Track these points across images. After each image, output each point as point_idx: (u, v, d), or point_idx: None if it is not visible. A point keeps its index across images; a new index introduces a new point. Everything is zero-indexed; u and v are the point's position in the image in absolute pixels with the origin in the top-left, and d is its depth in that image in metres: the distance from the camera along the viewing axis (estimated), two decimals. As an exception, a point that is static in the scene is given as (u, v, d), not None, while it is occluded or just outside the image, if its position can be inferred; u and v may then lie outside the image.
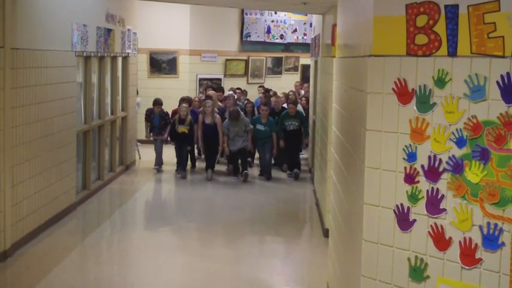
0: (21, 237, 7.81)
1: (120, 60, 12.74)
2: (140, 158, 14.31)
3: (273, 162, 13.02)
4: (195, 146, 13.21)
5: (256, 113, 13.47)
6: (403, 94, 3.68)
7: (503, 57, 3.26)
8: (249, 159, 13.22)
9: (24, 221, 7.90)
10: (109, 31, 11.33)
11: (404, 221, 3.71)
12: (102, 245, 8.50)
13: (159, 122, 13.01)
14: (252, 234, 8.95)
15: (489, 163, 3.33)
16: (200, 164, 13.52)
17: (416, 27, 3.60)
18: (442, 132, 3.52)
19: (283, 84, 17.04)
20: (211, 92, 14.04)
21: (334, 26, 8.05)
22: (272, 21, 17.87)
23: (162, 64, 16.87)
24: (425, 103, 3.59)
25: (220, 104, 13.71)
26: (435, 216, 3.57)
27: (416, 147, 3.64)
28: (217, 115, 12.55)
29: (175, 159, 12.86)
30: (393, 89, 3.72)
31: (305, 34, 18.24)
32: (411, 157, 3.66)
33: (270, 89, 15.79)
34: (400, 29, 3.66)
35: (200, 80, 16.78)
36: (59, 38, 8.93)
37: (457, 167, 3.46)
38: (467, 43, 3.40)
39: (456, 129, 3.46)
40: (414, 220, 3.67)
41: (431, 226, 3.59)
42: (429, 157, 3.58)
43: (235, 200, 10.89)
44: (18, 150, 7.64)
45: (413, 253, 3.69)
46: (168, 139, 12.95)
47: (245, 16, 17.47)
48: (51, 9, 8.69)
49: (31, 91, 7.98)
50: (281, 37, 18.08)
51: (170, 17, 16.50)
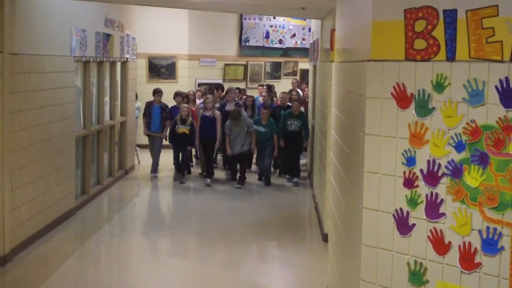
0: (20, 242, 7.80)
1: (119, 65, 12.75)
2: (139, 163, 14.30)
3: (272, 165, 12.94)
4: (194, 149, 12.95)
5: (256, 110, 13.42)
6: (402, 99, 3.68)
7: (501, 61, 3.27)
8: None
9: (23, 226, 7.89)
10: (108, 36, 11.34)
11: (403, 225, 3.71)
12: (101, 250, 8.50)
13: (160, 114, 12.74)
14: (251, 239, 8.94)
15: (488, 167, 3.34)
16: (196, 169, 13.42)
17: (414, 32, 3.60)
18: (441, 136, 3.52)
19: (282, 89, 16.94)
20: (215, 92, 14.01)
21: (332, 31, 8.06)
22: (271, 26, 17.88)
23: (161, 69, 16.88)
24: (424, 108, 3.59)
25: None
26: (434, 220, 3.57)
27: (415, 151, 3.64)
28: (217, 111, 12.36)
29: (172, 165, 12.69)
30: (392, 94, 3.73)
31: (304, 39, 18.26)
32: (410, 161, 3.66)
33: (272, 85, 15.80)
34: (399, 34, 3.67)
35: (199, 85, 16.78)
36: (58, 43, 8.94)
37: (456, 172, 3.47)
38: (465, 48, 3.41)
39: (455, 133, 3.47)
40: (413, 224, 3.67)
41: (430, 230, 3.59)
42: (428, 161, 3.59)
43: (234, 205, 10.88)
44: (17, 155, 7.64)
45: (412, 257, 3.69)
46: (167, 140, 12.66)
47: (244, 21, 17.48)
48: (50, 14, 8.70)
49: (30, 96, 7.98)
50: (280, 42, 18.10)
51: (169, 22, 16.52)
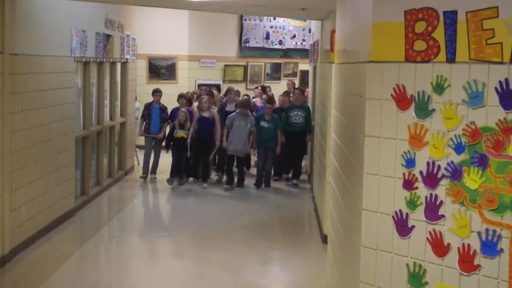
0: (19, 242, 7.80)
1: (119, 65, 12.74)
2: (139, 164, 14.27)
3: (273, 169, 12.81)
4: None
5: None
6: (402, 100, 3.68)
7: (501, 63, 3.27)
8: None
9: (22, 227, 7.88)
10: (108, 37, 11.35)
11: (403, 227, 3.71)
12: (100, 251, 8.49)
13: (159, 115, 12.54)
14: (251, 240, 8.93)
15: (487, 169, 3.34)
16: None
17: (415, 33, 3.60)
18: (441, 138, 3.52)
19: (282, 90, 16.96)
20: (215, 93, 13.92)
21: (332, 32, 8.06)
22: (271, 27, 17.89)
23: (161, 70, 16.87)
24: (424, 109, 3.59)
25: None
26: (434, 222, 3.57)
27: (415, 153, 3.64)
28: (214, 111, 12.12)
29: (169, 167, 12.51)
30: (392, 95, 3.72)
31: (304, 40, 18.26)
32: (410, 163, 3.66)
33: (268, 86, 15.68)
34: (399, 35, 3.66)
35: (199, 86, 16.78)
36: (58, 44, 8.94)
37: (456, 173, 3.46)
38: (465, 49, 3.40)
39: (455, 135, 3.46)
40: (413, 226, 3.66)
41: (429, 232, 3.59)
42: (428, 163, 3.58)
43: (233, 207, 10.87)
44: (16, 155, 7.64)
45: (412, 259, 3.68)
46: (165, 149, 12.44)
47: (244, 22, 17.49)
48: (50, 14, 8.70)
49: (30, 97, 7.98)
50: (280, 43, 18.10)
51: (169, 23, 16.52)
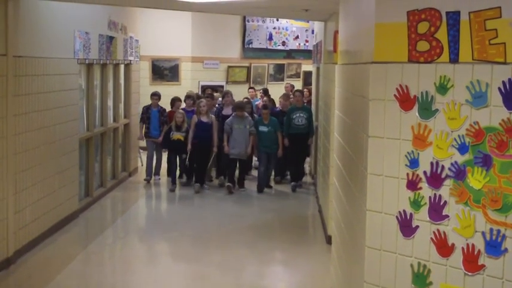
0: (24, 244, 7.82)
1: (122, 67, 12.76)
2: (143, 165, 14.27)
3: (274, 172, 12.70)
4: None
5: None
6: (405, 101, 3.68)
7: (504, 63, 3.27)
8: (248, 175, 12.84)
9: (27, 228, 7.90)
10: (111, 38, 11.36)
11: (407, 228, 3.71)
12: (104, 252, 8.50)
13: (158, 118, 12.45)
14: (255, 241, 8.93)
15: (491, 169, 3.34)
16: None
17: (417, 33, 3.60)
18: (444, 138, 3.52)
19: (284, 91, 17.01)
20: (216, 94, 13.82)
21: (336, 33, 8.06)
22: (274, 28, 17.90)
23: (164, 71, 16.89)
24: (427, 109, 3.59)
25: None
26: (438, 222, 3.57)
27: (418, 153, 3.64)
28: (212, 116, 11.96)
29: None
30: (395, 96, 3.73)
31: (307, 41, 18.27)
32: (413, 163, 3.66)
33: (267, 88, 15.60)
34: (402, 36, 3.67)
35: (202, 87, 16.79)
36: (61, 46, 8.96)
37: (460, 174, 3.46)
38: (468, 49, 3.40)
39: (458, 135, 3.47)
40: (417, 226, 3.67)
41: (434, 232, 3.59)
42: (431, 163, 3.58)
43: (235, 209, 10.87)
44: (21, 157, 7.65)
45: (416, 259, 3.68)
46: (163, 149, 12.40)
47: (247, 23, 17.50)
48: (53, 16, 8.72)
49: (34, 99, 8.00)
50: (283, 44, 18.11)
51: (172, 24, 16.54)
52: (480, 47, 3.36)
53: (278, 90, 16.56)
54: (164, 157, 12.63)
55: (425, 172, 3.62)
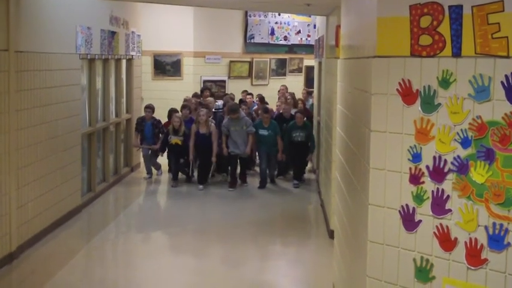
0: (26, 239, 7.83)
1: (124, 62, 12.76)
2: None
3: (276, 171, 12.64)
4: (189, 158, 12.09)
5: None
6: (408, 95, 3.68)
7: (507, 57, 3.26)
8: (250, 170, 12.85)
9: (29, 224, 7.92)
10: (113, 33, 11.36)
11: (409, 222, 3.71)
12: (107, 247, 8.52)
13: (152, 131, 12.32)
14: (257, 236, 8.94)
15: (494, 163, 3.33)
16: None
17: (420, 28, 3.60)
18: (447, 132, 3.52)
19: (287, 85, 17.00)
20: (209, 99, 13.63)
21: (338, 27, 8.05)
22: (276, 22, 17.87)
23: (166, 66, 16.87)
24: (429, 104, 3.59)
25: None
26: (440, 216, 3.57)
27: (421, 147, 3.64)
28: (212, 124, 11.82)
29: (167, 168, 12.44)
30: (397, 90, 3.72)
31: (309, 35, 18.23)
32: (416, 158, 3.66)
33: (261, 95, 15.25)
34: (404, 30, 3.66)
35: (204, 82, 16.78)
36: (63, 41, 8.95)
37: (462, 168, 3.46)
38: (471, 43, 3.40)
39: (461, 129, 3.46)
40: (419, 221, 3.66)
41: (436, 227, 3.59)
42: (434, 158, 3.58)
43: (238, 204, 10.87)
44: (23, 152, 7.66)
45: (418, 254, 3.68)
46: (161, 153, 12.29)
47: (249, 18, 17.47)
48: (55, 12, 8.71)
49: (36, 94, 8.00)
50: (285, 39, 18.08)
51: (174, 19, 16.51)
52: (483, 41, 3.35)
53: (280, 85, 16.52)
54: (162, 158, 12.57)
55: (428, 166, 3.61)
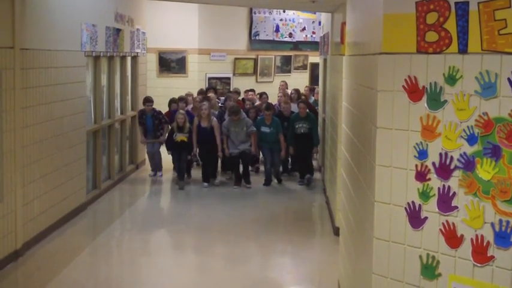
0: (32, 236, 7.85)
1: (129, 60, 12.78)
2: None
3: (281, 169, 12.56)
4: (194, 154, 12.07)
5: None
6: (414, 91, 3.67)
7: (514, 53, 3.25)
8: (253, 168, 12.77)
9: (35, 221, 7.93)
10: (118, 31, 11.36)
11: (415, 219, 3.70)
12: (112, 245, 8.53)
13: (153, 123, 12.25)
14: (262, 233, 8.95)
15: (500, 160, 3.32)
16: (198, 174, 12.43)
17: (426, 24, 3.58)
18: (453, 129, 3.50)
19: (292, 82, 16.99)
20: (210, 95, 13.60)
21: (343, 24, 8.03)
22: (281, 19, 17.86)
23: (171, 63, 16.89)
24: (436, 100, 3.58)
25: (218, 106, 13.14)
26: (447, 213, 3.56)
27: (427, 144, 3.63)
28: (214, 118, 11.82)
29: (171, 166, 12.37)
30: (404, 87, 3.71)
31: (314, 32, 18.23)
32: (422, 155, 3.65)
33: (264, 92, 15.17)
34: (410, 27, 3.65)
35: (209, 79, 16.79)
36: (69, 38, 8.96)
37: (469, 164, 3.45)
38: (477, 40, 3.38)
39: (467, 126, 3.45)
40: (426, 218, 3.66)
41: (442, 224, 3.58)
42: (440, 154, 3.57)
43: (243, 202, 10.87)
44: (28, 150, 7.68)
45: (424, 251, 3.67)
46: (168, 151, 12.13)
47: (254, 15, 17.47)
48: (60, 9, 8.72)
49: (41, 91, 8.01)
50: (290, 36, 18.08)
51: (179, 17, 16.52)
52: (489, 38, 3.33)
53: (287, 81, 16.48)
54: (165, 157, 12.48)
55: (434, 163, 3.60)
